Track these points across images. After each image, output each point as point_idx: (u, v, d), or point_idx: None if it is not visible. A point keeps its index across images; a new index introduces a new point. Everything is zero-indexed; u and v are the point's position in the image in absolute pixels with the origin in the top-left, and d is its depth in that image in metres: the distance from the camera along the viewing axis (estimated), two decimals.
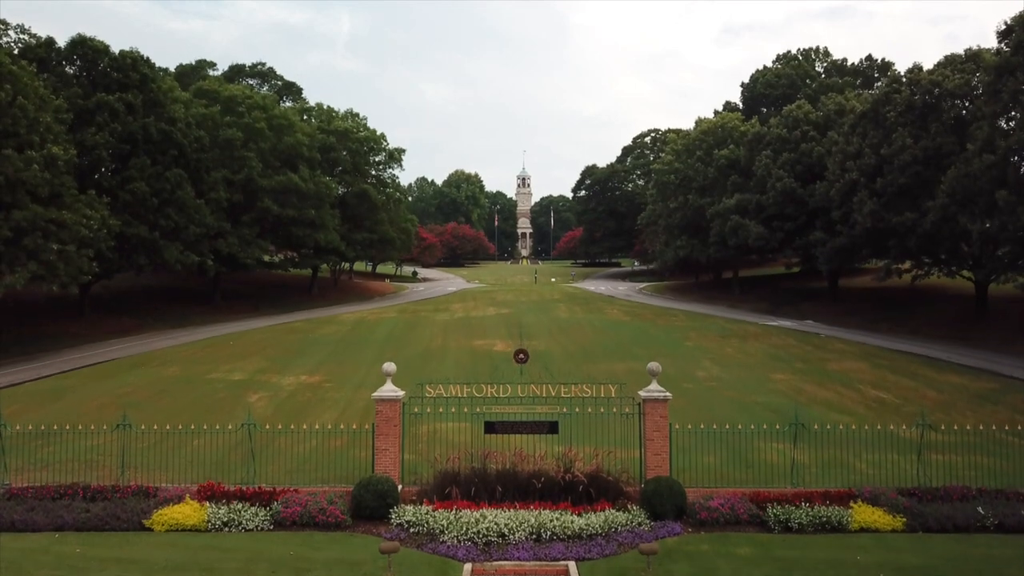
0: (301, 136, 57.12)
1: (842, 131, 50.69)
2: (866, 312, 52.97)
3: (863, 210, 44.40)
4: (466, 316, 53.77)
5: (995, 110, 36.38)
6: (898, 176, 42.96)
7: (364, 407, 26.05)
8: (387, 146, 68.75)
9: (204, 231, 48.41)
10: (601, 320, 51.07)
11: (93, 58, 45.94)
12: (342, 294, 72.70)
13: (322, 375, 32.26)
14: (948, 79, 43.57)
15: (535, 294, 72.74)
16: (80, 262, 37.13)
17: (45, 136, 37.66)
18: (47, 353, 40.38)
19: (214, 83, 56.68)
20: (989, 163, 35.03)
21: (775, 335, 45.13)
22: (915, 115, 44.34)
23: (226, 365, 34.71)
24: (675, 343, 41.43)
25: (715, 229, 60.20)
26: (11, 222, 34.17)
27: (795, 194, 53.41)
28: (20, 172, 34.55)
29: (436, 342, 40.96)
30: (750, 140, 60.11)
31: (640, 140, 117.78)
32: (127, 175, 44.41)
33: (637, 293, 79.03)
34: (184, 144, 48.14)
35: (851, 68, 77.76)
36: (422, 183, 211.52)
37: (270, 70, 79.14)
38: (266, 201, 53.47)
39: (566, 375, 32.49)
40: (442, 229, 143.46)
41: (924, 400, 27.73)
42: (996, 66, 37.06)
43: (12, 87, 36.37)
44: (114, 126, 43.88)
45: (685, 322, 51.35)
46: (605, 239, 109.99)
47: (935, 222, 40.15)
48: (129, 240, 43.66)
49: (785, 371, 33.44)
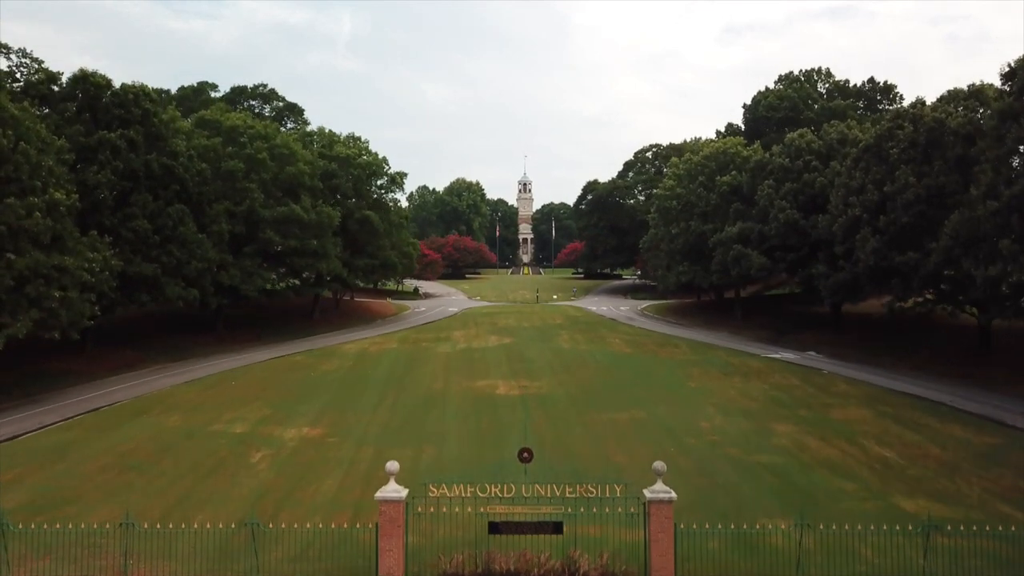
0: (303, 165, 57.07)
1: (845, 163, 50.58)
2: (869, 343, 52.81)
3: (866, 247, 44.30)
4: (467, 347, 53.68)
5: (998, 154, 36.23)
6: (901, 215, 42.86)
7: (366, 470, 26.06)
8: (389, 170, 68.82)
9: (206, 265, 48.36)
10: (603, 353, 50.95)
11: (95, 94, 45.92)
12: (344, 317, 72.64)
13: (324, 426, 32.18)
14: (951, 116, 43.52)
15: (537, 318, 72.64)
16: (82, 307, 37.09)
17: (47, 180, 37.62)
18: (49, 394, 40.36)
19: (216, 112, 56.61)
20: (993, 210, 34.91)
21: (778, 372, 45.02)
22: (918, 152, 44.23)
23: (228, 412, 34.64)
24: (678, 383, 41.32)
25: (717, 258, 60.16)
26: (13, 270, 34.10)
27: (798, 225, 53.32)
28: (22, 220, 34.51)
29: (437, 383, 40.85)
30: (753, 168, 60.04)
31: (641, 155, 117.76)
32: (129, 212, 44.38)
33: (639, 315, 78.90)
34: (186, 179, 48.15)
35: (853, 89, 77.75)
36: (423, 192, 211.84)
37: (271, 91, 79.19)
38: (268, 232, 53.43)
39: (568, 424, 32.65)
40: (443, 241, 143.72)
41: (928, 460, 27.64)
42: (999, 111, 36.95)
43: (14, 132, 36.32)
44: (116, 164, 43.86)
45: (688, 354, 51.26)
46: (607, 255, 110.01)
47: (939, 263, 40.07)
48: (131, 278, 43.62)
49: (788, 420, 33.34)
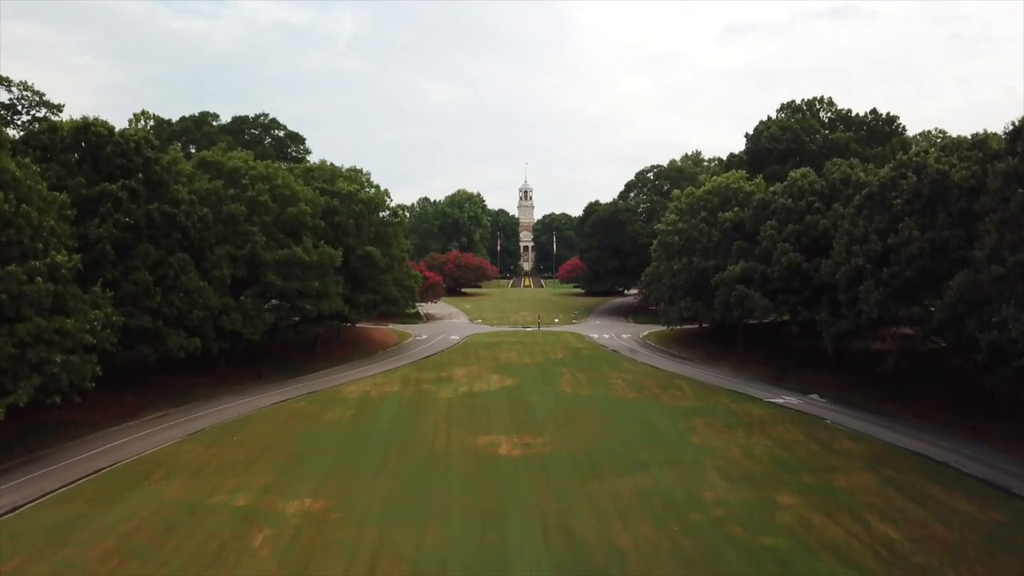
0: (304, 205, 56.96)
1: (848, 208, 50.47)
2: (871, 385, 52.52)
3: (869, 300, 44.18)
4: (469, 391, 53.56)
5: (1003, 217, 36.07)
6: (905, 268, 42.74)
7: (370, 559, 25.97)
8: (391, 204, 68.73)
9: (207, 313, 48.25)
10: (606, 399, 50.79)
11: (97, 143, 45.81)
12: (346, 349, 72.50)
13: (327, 497, 32.05)
14: (955, 169, 43.39)
15: (538, 350, 72.48)
16: (84, 369, 36.97)
17: (48, 240, 37.53)
18: (50, 450, 40.20)
19: (217, 153, 56.51)
20: (997, 276, 34.78)
21: (780, 423, 44.86)
22: (921, 203, 44.13)
23: (231, 478, 34.53)
24: (682, 440, 41.15)
25: (720, 297, 60.05)
26: (15, 337, 34.01)
27: (800, 268, 53.22)
28: (23, 286, 34.42)
29: (440, 439, 40.71)
30: (755, 206, 59.93)
31: (642, 175, 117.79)
32: (130, 264, 44.27)
33: (641, 345, 78.76)
34: (187, 226, 48.07)
35: (856, 119, 77.64)
36: (424, 203, 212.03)
37: (273, 120, 79.19)
38: (269, 275, 53.31)
39: (571, 496, 32.49)
40: (444, 258, 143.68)
41: (933, 543, 27.52)
42: (1004, 172, 36.82)
43: (16, 195, 36.24)
44: (118, 216, 43.77)
45: (691, 399, 51.11)
46: (608, 277, 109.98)
47: (943, 320, 39.94)
48: (132, 331, 43.49)
49: (792, 488, 33.21)
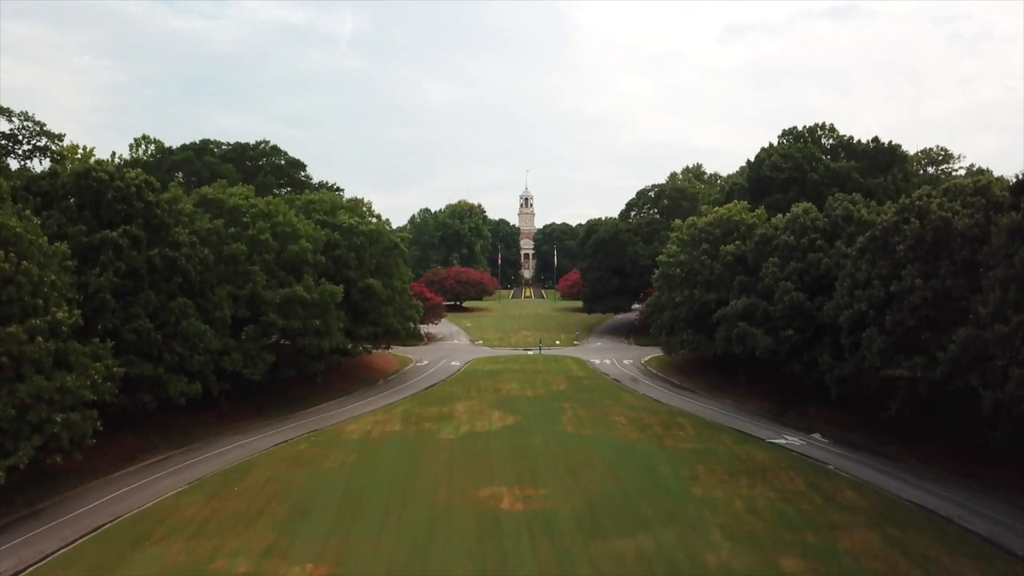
0: (305, 243, 56.91)
1: (850, 248, 50.41)
2: (874, 424, 52.21)
3: (872, 347, 44.07)
4: (471, 431, 53.43)
5: (1007, 274, 35.92)
6: (908, 317, 42.62)
7: None
8: (391, 235, 68.55)
9: (209, 357, 48.15)
10: (608, 442, 50.55)
11: (98, 188, 45.74)
12: (346, 379, 72.34)
13: (329, 561, 31.99)
14: (958, 216, 43.27)
15: (540, 380, 72.34)
16: (84, 426, 36.87)
17: (48, 295, 37.46)
18: (50, 501, 40.10)
19: (218, 191, 56.49)
20: (1001, 335, 34.62)
21: (783, 470, 44.67)
22: (924, 250, 44.04)
23: (231, 539, 34.38)
24: (684, 491, 40.97)
25: (722, 333, 59.96)
26: (16, 398, 33.93)
27: (803, 307, 53.11)
28: (24, 346, 34.34)
29: (442, 493, 40.49)
30: (758, 241, 59.85)
31: (644, 193, 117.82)
32: (131, 312, 44.18)
33: (643, 373, 78.66)
34: (188, 269, 47.98)
35: (858, 147, 77.54)
36: (425, 214, 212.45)
37: (274, 148, 79.15)
38: (271, 315, 53.26)
39: (572, 560, 32.32)
40: (445, 274, 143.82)
41: None
42: (1008, 228, 36.68)
43: (16, 252, 36.17)
44: (118, 264, 43.70)
45: (693, 441, 50.95)
46: (610, 296, 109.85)
47: (946, 373, 39.80)
48: (132, 380, 43.38)
49: (795, 551, 33.07)
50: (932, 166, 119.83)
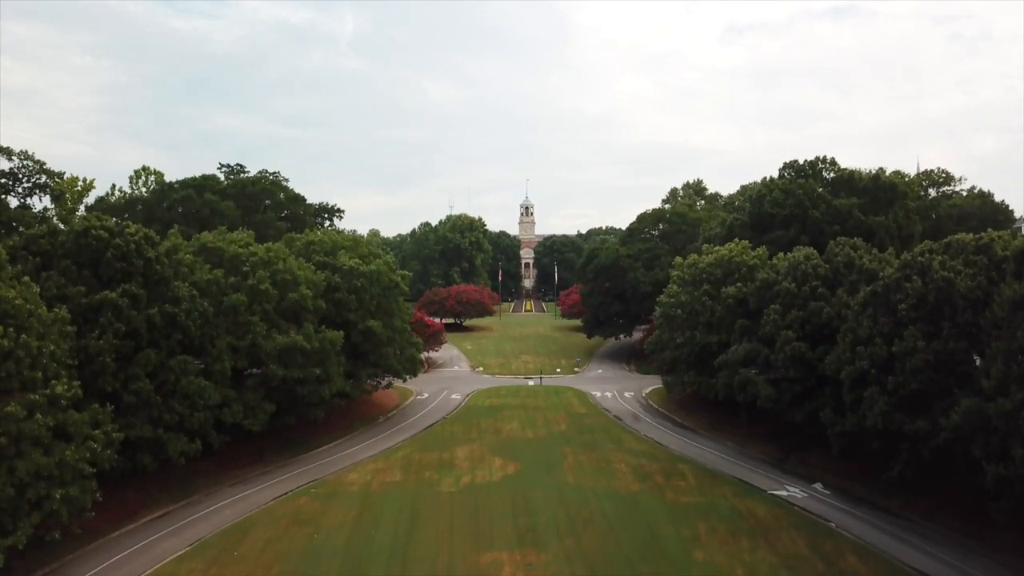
0: (305, 289, 56.79)
1: (853, 305, 50.24)
2: (877, 476, 51.82)
3: (874, 408, 43.90)
4: (471, 482, 53.25)
5: (1010, 347, 35.76)
6: (910, 379, 42.44)
7: None
8: (392, 275, 68.38)
9: (209, 413, 48.02)
10: (609, 495, 50.32)
11: (97, 247, 45.66)
12: (347, 417, 72.09)
13: None
14: (960, 277, 43.08)
15: (540, 418, 72.16)
16: (84, 499, 36.72)
17: (47, 367, 37.35)
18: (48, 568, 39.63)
19: (218, 239, 56.41)
20: (1004, 411, 34.46)
21: (784, 530, 44.46)
22: (926, 310, 43.84)
23: None
24: (685, 555, 40.84)
25: (723, 379, 59.82)
26: (15, 477, 33.78)
27: (804, 357, 52.95)
28: (22, 423, 34.20)
29: (442, 560, 40.30)
30: (759, 287, 59.74)
31: (645, 217, 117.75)
32: (131, 373, 44.08)
33: (643, 408, 78.50)
34: (188, 325, 47.85)
35: (859, 180, 77.41)
36: (425, 228, 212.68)
37: (274, 183, 79.08)
38: (271, 366, 53.13)
39: None
40: (445, 293, 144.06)
41: None
42: (1011, 299, 36.54)
43: (15, 325, 36.06)
44: (118, 325, 43.60)
45: (695, 494, 50.73)
46: (610, 322, 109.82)
47: (948, 440, 39.63)
48: (132, 443, 43.25)
49: None
50: (933, 187, 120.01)
